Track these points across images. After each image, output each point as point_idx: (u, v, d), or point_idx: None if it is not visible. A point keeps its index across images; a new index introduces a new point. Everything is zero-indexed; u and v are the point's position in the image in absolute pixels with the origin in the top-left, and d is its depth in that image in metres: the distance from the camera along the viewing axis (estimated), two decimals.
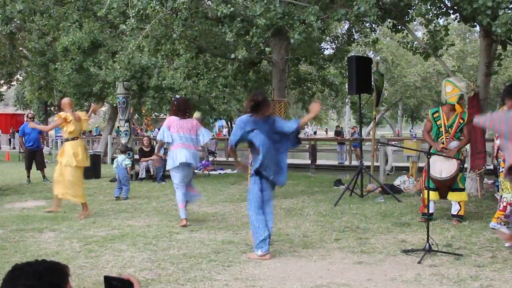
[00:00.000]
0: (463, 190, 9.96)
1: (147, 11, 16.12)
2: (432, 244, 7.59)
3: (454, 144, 9.90)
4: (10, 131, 48.01)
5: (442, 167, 9.48)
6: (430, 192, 9.18)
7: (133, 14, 16.35)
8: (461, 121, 9.89)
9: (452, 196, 9.89)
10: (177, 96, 11.91)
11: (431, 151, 9.12)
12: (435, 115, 10.11)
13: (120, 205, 12.66)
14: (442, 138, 9.93)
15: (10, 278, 2.61)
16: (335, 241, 8.55)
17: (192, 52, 20.74)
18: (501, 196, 8.66)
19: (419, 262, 7.14)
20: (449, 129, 9.88)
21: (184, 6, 15.35)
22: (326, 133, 76.48)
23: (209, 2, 20.29)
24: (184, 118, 10.28)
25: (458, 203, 9.84)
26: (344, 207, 11.80)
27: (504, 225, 8.09)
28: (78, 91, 27.04)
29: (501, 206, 8.33)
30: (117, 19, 17.92)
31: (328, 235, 8.99)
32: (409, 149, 12.61)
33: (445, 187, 9.81)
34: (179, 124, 10.14)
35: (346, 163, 29.82)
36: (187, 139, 10.09)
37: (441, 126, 9.95)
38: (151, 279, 6.52)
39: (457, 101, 9.84)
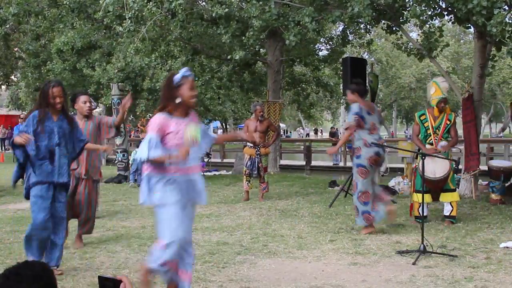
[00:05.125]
0: (454, 190, 9.98)
1: (144, 13, 16.12)
2: (427, 245, 7.60)
3: (442, 144, 9.94)
4: (4, 132, 47.73)
5: (435, 167, 9.49)
6: (420, 194, 9.21)
7: (129, 16, 16.36)
8: (448, 122, 9.94)
9: (443, 197, 9.91)
10: None
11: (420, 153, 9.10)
12: (422, 118, 10.15)
13: (115, 206, 12.66)
14: (431, 139, 9.96)
15: (7, 285, 2.60)
16: (330, 242, 8.55)
17: (188, 54, 20.75)
18: None
19: (413, 263, 7.15)
20: (437, 130, 9.92)
21: (181, 7, 15.35)
22: (316, 133, 76.32)
23: (203, 3, 20.31)
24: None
25: (450, 203, 9.86)
26: (339, 208, 11.80)
27: None
28: (72, 91, 27.03)
29: None
30: (114, 22, 17.92)
31: (323, 236, 9.00)
32: (404, 150, 12.62)
33: (437, 188, 9.83)
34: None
35: (341, 164, 29.86)
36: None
37: (428, 128, 9.98)
38: None
39: (436, 104, 9.89)
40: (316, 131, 77.87)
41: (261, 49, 22.22)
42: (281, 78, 21.41)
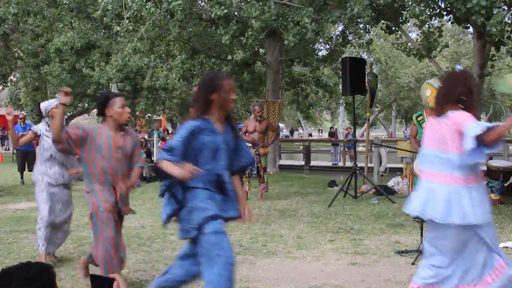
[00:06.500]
0: None
1: (142, 13, 16.12)
2: None
3: None
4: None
5: None
6: None
7: (128, 15, 16.37)
8: None
9: None
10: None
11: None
12: (419, 119, 10.13)
13: None
14: None
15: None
16: (329, 242, 8.55)
17: (187, 53, 20.76)
18: None
19: (412, 263, 7.15)
20: None
21: (180, 8, 15.35)
22: (320, 133, 76.71)
23: (203, 3, 20.31)
24: None
25: None
26: (338, 208, 11.80)
27: None
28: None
29: None
30: (113, 21, 17.95)
31: (322, 236, 9.00)
32: (403, 150, 12.63)
33: None
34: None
35: (340, 164, 29.87)
36: None
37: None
38: (145, 280, 6.52)
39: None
40: (320, 131, 78.28)
41: (260, 49, 22.23)
42: (280, 78, 21.41)
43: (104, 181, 5.92)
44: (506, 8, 11.86)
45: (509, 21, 12.12)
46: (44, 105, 7.51)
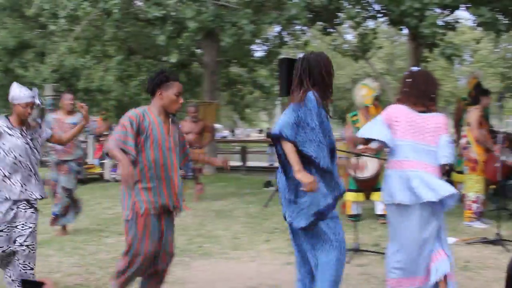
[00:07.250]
0: None
1: (78, 12, 15.90)
2: (360, 244, 7.69)
3: (375, 144, 10.02)
4: None
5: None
6: (353, 193, 9.42)
7: (64, 15, 16.13)
8: None
9: (374, 196, 10.01)
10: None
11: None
12: (353, 119, 10.26)
13: (47, 209, 12.43)
14: None
15: None
16: (265, 243, 8.58)
17: (123, 54, 20.58)
18: (464, 195, 9.73)
19: (347, 262, 7.21)
20: None
21: (117, 7, 15.20)
22: (260, 133, 76.96)
23: (140, 3, 20.17)
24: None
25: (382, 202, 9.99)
26: (273, 209, 11.83)
27: (477, 220, 9.56)
28: (4, 93, 26.53)
29: (467, 205, 9.65)
30: (49, 20, 17.67)
31: (258, 237, 9.02)
32: (339, 150, 12.75)
33: (367, 187, 9.92)
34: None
35: (276, 164, 29.92)
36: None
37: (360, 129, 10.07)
38: (79, 284, 6.43)
39: (372, 102, 10.01)
40: (260, 131, 78.50)
41: (197, 50, 22.17)
42: (217, 79, 21.39)
43: (156, 175, 5.12)
44: (438, 11, 12.10)
45: (441, 23, 12.35)
46: (14, 92, 5.67)
